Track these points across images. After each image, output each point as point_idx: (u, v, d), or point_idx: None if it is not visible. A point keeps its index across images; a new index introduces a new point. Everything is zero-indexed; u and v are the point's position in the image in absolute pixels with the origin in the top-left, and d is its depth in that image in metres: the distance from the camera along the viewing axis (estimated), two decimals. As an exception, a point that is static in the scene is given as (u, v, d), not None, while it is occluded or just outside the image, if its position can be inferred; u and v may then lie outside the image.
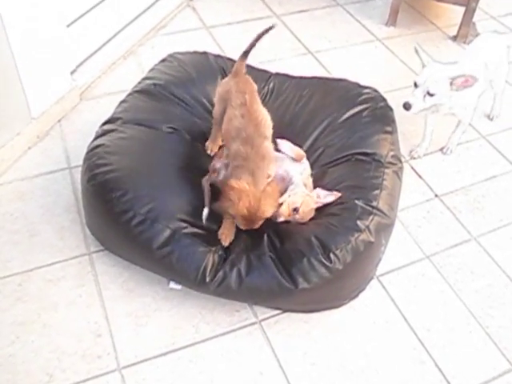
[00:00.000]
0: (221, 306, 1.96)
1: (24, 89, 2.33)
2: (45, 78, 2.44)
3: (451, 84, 2.19)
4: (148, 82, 2.27)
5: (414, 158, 2.57)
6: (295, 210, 1.92)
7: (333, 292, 1.91)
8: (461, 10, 3.25)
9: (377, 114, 2.32)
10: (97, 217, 1.98)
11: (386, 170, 2.10)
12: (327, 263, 1.79)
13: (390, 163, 2.14)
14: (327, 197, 2.00)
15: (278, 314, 1.96)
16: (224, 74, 2.33)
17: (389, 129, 2.27)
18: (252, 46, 2.12)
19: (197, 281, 1.82)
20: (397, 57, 3.17)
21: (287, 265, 1.81)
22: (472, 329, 1.98)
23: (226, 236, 1.90)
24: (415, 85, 2.24)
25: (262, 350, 1.88)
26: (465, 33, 3.29)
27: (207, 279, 1.80)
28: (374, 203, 1.96)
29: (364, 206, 1.94)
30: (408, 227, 2.29)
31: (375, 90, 2.43)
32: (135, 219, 1.85)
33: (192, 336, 1.89)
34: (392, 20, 3.36)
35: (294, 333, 1.93)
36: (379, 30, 3.36)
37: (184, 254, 1.83)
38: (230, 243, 1.88)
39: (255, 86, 2.09)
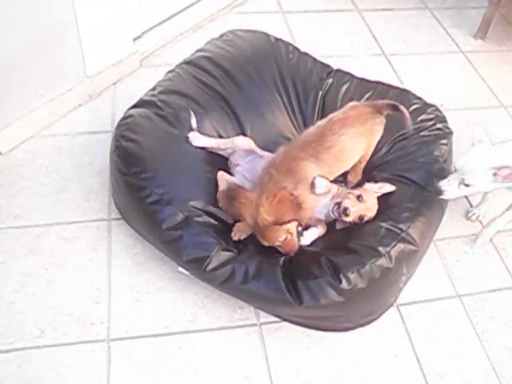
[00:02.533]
0: (225, 299, 1.88)
1: (82, 45, 2.34)
2: (105, 39, 2.43)
3: (495, 175, 1.75)
4: (199, 54, 2.21)
5: (472, 221, 2.21)
6: (359, 196, 1.82)
7: (340, 315, 1.77)
8: None
9: (432, 136, 2.11)
10: (117, 187, 1.95)
11: (427, 196, 1.92)
12: (336, 284, 1.66)
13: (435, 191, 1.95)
14: (383, 187, 1.91)
15: (280, 321, 1.85)
16: (280, 58, 2.23)
17: (440, 154, 2.06)
18: None
19: (200, 270, 1.75)
20: (478, 73, 2.90)
21: (295, 280, 1.71)
22: (490, 388, 1.78)
23: (239, 230, 1.82)
24: (454, 168, 1.85)
25: (255, 354, 1.78)
26: None
27: (208, 269, 1.72)
28: (403, 226, 1.80)
29: (390, 227, 1.79)
30: (445, 259, 2.09)
31: (437, 109, 2.22)
32: (150, 198, 1.81)
33: (188, 324, 1.83)
34: (482, 32, 3.08)
35: (292, 344, 1.82)
36: (465, 41, 3.09)
37: (192, 242, 1.77)
38: (240, 240, 1.80)
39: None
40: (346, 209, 1.80)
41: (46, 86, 2.30)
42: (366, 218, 1.84)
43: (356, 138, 1.89)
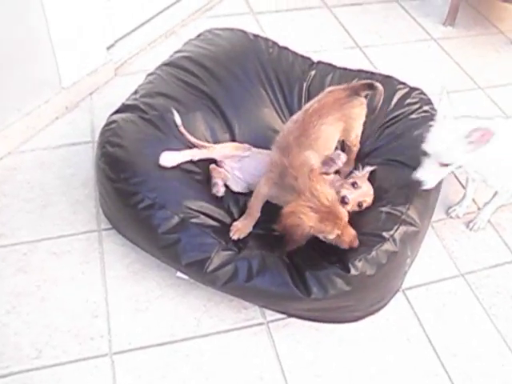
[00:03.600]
0: (228, 301, 1.82)
1: (56, 56, 2.26)
2: (78, 49, 2.36)
3: (470, 143, 1.67)
4: (178, 54, 2.17)
5: (452, 218, 2.16)
6: (354, 184, 1.82)
7: (348, 305, 1.73)
8: (529, 13, 3.00)
9: (420, 118, 2.12)
10: (106, 195, 1.88)
11: None
12: (344, 273, 1.63)
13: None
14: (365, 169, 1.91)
15: (287, 317, 1.80)
16: (261, 53, 2.20)
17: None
18: None
19: (202, 272, 1.69)
20: (451, 58, 2.94)
21: (302, 272, 1.67)
22: (505, 361, 1.76)
23: (238, 230, 1.77)
24: (424, 154, 1.75)
25: (265, 353, 1.73)
26: (531, 39, 3.02)
27: (210, 270, 1.67)
28: (403, 209, 1.79)
29: (390, 211, 1.77)
30: (443, 240, 2.08)
31: (422, 92, 2.23)
32: (143, 203, 1.74)
33: (192, 329, 1.77)
34: (450, 19, 3.12)
35: (302, 339, 1.77)
36: (435, 29, 3.13)
37: (191, 244, 1.71)
38: (239, 240, 1.75)
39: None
40: (344, 197, 1.78)
41: (22, 99, 2.22)
42: (364, 204, 1.82)
43: (335, 124, 1.87)
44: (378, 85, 1.91)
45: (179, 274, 1.87)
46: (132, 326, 1.76)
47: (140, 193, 1.76)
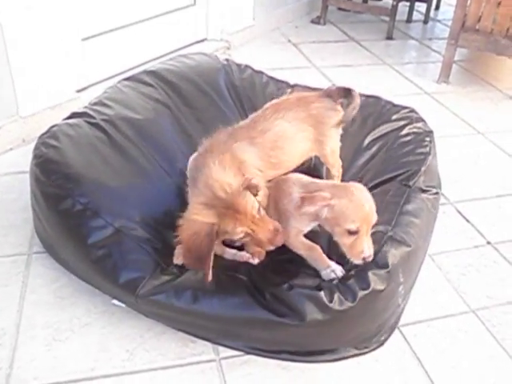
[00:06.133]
0: (172, 332, 1.43)
1: (13, 79, 2.11)
2: (41, 78, 2.21)
3: None
4: (142, 71, 1.99)
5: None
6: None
7: (324, 341, 1.35)
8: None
9: (411, 133, 1.89)
10: (36, 204, 1.60)
11: (414, 194, 1.63)
12: (314, 294, 1.29)
13: (421, 189, 1.67)
14: None
15: (246, 354, 1.39)
16: (231, 71, 2.03)
17: (425, 151, 1.82)
18: None
19: (133, 296, 1.37)
20: (447, 109, 2.75)
21: (264, 290, 1.33)
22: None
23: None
24: None
25: (213, 396, 1.30)
26: (531, 94, 2.85)
27: (142, 293, 1.35)
28: (388, 227, 1.47)
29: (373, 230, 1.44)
30: (448, 273, 1.70)
31: (413, 111, 2.02)
32: (73, 208, 1.47)
33: (122, 363, 1.35)
34: (444, 76, 2.99)
35: (264, 381, 1.34)
36: (429, 86, 2.99)
37: (123, 260, 1.41)
38: (184, 265, 1.42)
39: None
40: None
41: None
42: None
43: (296, 124, 1.58)
44: (355, 93, 1.67)
45: (116, 301, 1.50)
46: (43, 357, 1.36)
47: (70, 197, 1.48)
